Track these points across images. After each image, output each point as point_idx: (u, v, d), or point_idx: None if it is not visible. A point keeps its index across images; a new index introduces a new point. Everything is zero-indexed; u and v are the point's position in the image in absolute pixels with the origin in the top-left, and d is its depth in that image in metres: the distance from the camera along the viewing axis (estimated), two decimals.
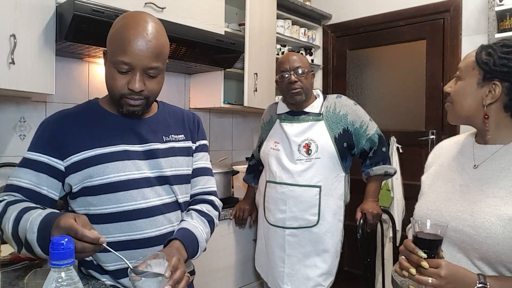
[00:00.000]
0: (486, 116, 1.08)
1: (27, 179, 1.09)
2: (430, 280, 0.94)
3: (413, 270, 0.97)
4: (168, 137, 1.22)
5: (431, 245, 0.98)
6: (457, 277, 0.94)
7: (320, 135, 1.91)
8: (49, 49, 1.74)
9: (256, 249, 2.16)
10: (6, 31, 1.59)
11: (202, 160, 1.32)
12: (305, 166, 1.89)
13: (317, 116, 1.94)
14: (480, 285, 0.94)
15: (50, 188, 1.11)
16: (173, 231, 1.17)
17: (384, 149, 2.00)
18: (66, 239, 0.73)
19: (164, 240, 1.13)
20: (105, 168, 1.11)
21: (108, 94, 1.17)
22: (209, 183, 1.32)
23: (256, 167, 2.27)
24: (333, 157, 1.91)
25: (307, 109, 1.96)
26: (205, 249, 1.21)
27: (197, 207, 1.25)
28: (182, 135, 1.27)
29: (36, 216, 0.97)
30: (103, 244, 0.92)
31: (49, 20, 1.73)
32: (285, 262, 1.94)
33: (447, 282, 0.93)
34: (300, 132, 1.93)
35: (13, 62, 1.60)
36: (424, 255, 0.96)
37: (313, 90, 2.03)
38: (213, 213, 1.27)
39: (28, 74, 1.66)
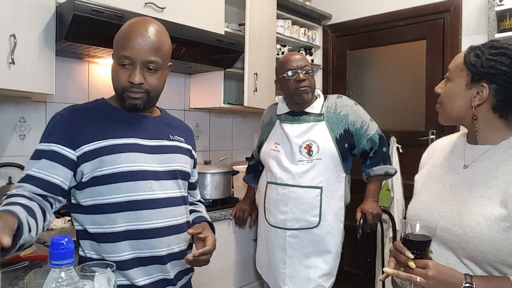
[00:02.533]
0: (475, 118, 1.09)
1: (38, 168, 1.11)
2: (418, 279, 0.96)
3: (389, 270, 1.00)
4: (173, 137, 1.31)
5: (419, 246, 1.00)
6: (444, 277, 0.96)
7: (321, 136, 1.91)
8: (49, 49, 1.74)
9: (257, 250, 2.15)
10: (6, 31, 1.59)
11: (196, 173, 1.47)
12: (306, 167, 1.89)
13: (318, 117, 1.94)
14: (467, 285, 0.95)
15: (61, 176, 1.13)
16: (178, 225, 1.23)
17: (384, 149, 1.99)
18: (66, 239, 0.73)
19: (168, 231, 1.20)
20: (117, 158, 1.15)
21: (114, 95, 1.25)
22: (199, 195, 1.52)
23: (256, 167, 2.26)
24: (334, 158, 1.90)
25: (307, 110, 1.95)
26: None
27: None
28: (183, 139, 1.35)
29: None
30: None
31: (49, 20, 1.73)
32: (286, 263, 1.93)
33: (435, 282, 0.95)
34: (301, 133, 1.93)
35: (13, 62, 1.60)
36: (411, 256, 0.99)
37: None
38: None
39: (28, 74, 1.66)
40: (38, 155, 1.14)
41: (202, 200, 1.52)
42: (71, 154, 1.14)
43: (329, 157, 1.89)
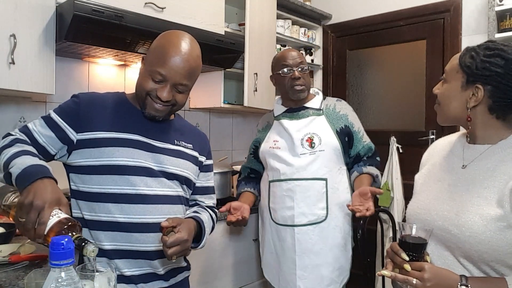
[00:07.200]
0: (469, 119, 1.09)
1: (40, 131, 1.19)
2: (414, 281, 0.98)
3: (387, 273, 1.01)
4: (179, 142, 1.32)
5: (415, 249, 1.02)
6: (440, 279, 0.98)
7: (322, 129, 1.90)
8: (49, 49, 1.74)
9: (264, 256, 2.05)
10: (6, 31, 1.59)
11: (212, 179, 1.46)
12: (310, 159, 1.87)
13: (317, 111, 1.94)
14: (462, 286, 0.97)
15: (53, 147, 1.19)
16: None
17: (378, 158, 1.98)
18: (66, 239, 0.73)
19: (157, 228, 1.18)
20: (115, 151, 1.19)
21: (134, 93, 1.28)
22: (214, 200, 1.48)
23: (247, 178, 2.15)
24: (336, 150, 1.89)
25: (307, 104, 1.95)
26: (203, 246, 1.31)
27: (212, 213, 1.42)
28: (191, 145, 1.36)
29: (31, 160, 1.05)
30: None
31: (49, 20, 1.73)
32: (296, 263, 1.87)
33: (431, 284, 0.97)
34: (302, 127, 1.91)
35: (13, 62, 1.60)
36: (407, 258, 1.01)
37: (311, 89, 2.03)
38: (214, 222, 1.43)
39: (28, 74, 1.66)
40: (47, 119, 1.21)
41: (213, 206, 1.46)
42: (72, 135, 1.19)
43: (331, 149, 1.88)
